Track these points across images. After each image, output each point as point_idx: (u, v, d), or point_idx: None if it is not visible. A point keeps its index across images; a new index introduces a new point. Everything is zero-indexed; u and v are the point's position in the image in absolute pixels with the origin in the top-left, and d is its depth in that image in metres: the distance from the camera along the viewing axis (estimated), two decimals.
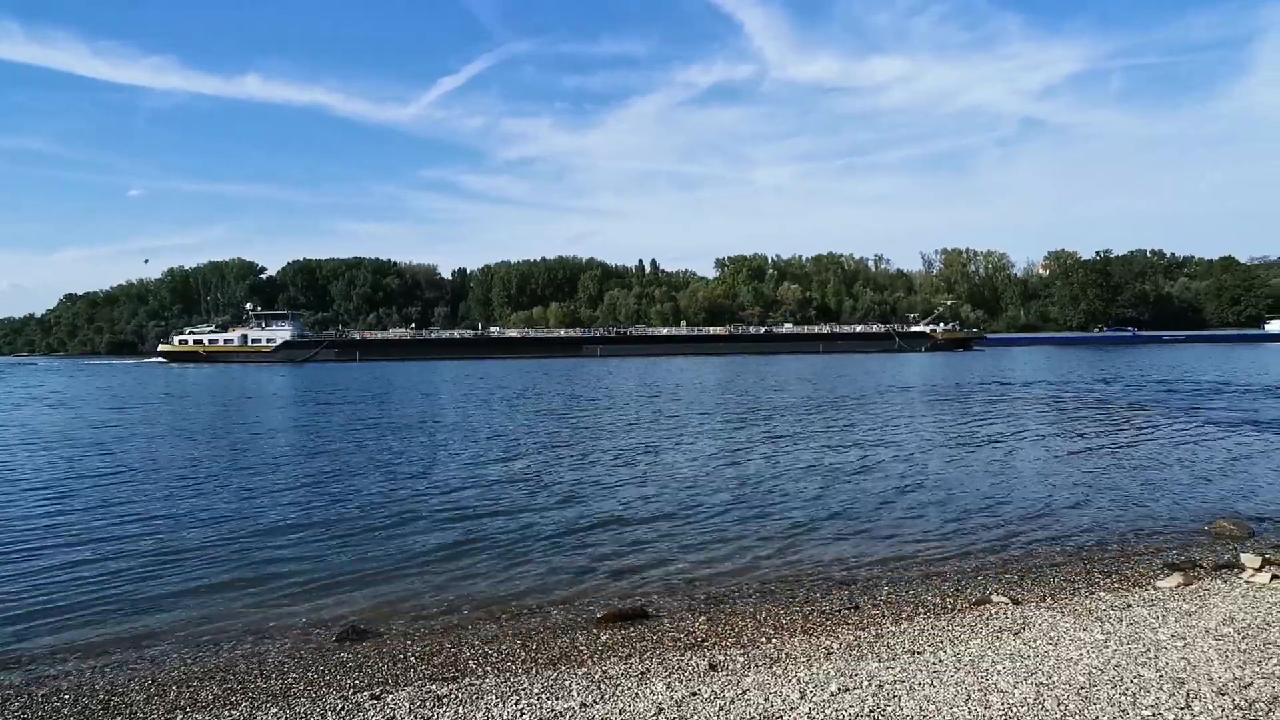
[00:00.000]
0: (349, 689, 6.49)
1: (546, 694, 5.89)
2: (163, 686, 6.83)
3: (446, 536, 11.85)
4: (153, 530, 12.40)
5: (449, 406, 34.46)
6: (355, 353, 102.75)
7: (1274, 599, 7.52)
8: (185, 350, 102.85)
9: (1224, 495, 14.08)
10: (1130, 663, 5.77)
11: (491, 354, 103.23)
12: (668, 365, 77.18)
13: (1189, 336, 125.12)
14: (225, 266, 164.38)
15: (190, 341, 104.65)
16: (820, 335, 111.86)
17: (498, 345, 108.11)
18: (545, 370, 68.80)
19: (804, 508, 13.55)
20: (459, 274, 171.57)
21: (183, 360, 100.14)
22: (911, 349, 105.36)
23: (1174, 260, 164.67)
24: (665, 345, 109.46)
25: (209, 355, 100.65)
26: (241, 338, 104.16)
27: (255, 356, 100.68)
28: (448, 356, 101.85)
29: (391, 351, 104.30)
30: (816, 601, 8.77)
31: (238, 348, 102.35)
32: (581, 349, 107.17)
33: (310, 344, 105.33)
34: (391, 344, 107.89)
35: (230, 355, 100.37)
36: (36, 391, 49.30)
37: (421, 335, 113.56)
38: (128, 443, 23.12)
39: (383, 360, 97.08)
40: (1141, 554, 10.41)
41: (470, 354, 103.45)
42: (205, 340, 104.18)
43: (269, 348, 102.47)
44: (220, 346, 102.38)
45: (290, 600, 9.14)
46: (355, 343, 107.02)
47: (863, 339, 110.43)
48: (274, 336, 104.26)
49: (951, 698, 5.25)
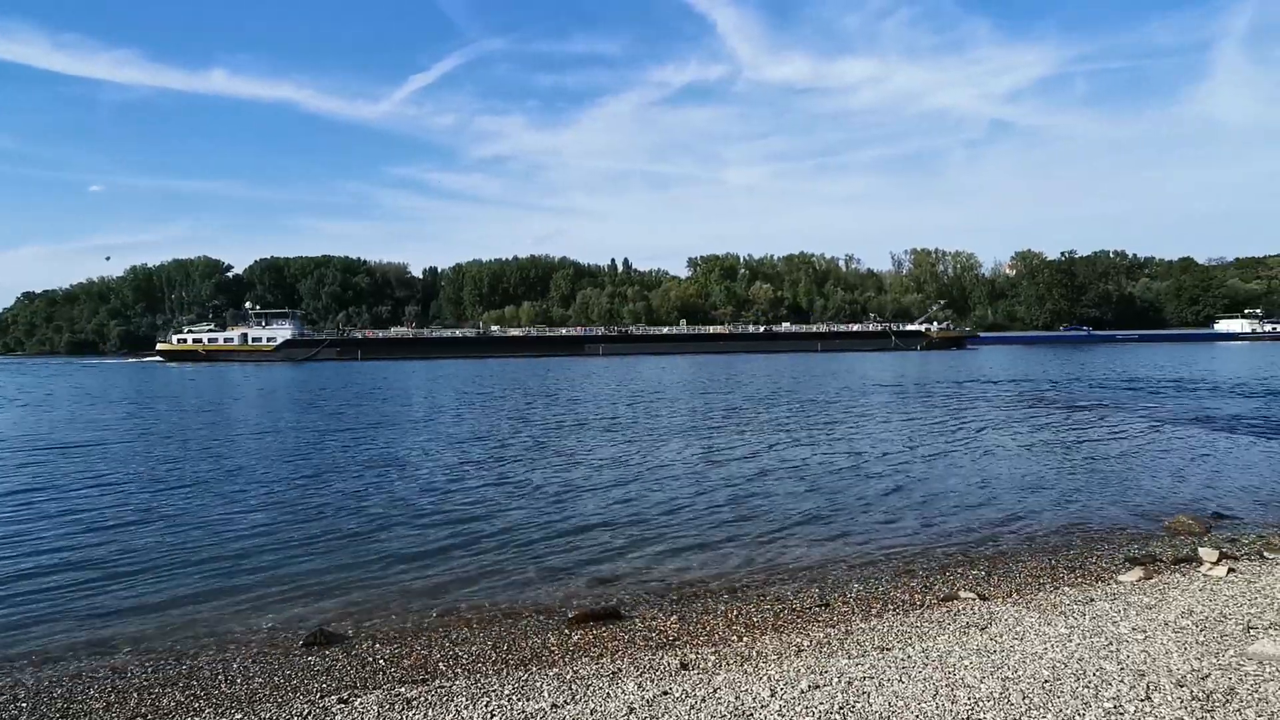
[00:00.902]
0: (316, 693, 6.40)
1: (517, 695, 5.85)
2: (123, 694, 6.68)
3: (418, 538, 11.74)
4: (115, 534, 12.13)
5: (435, 407, 34.15)
6: (357, 352, 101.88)
7: (1230, 592, 7.71)
8: (184, 349, 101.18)
9: (1182, 491, 14.41)
10: (1093, 656, 5.88)
11: (493, 353, 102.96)
12: (668, 363, 77.87)
13: (1141, 336, 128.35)
14: (190, 264, 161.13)
15: (189, 340, 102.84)
16: (819, 334, 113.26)
17: (499, 344, 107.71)
18: (547, 369, 69.06)
19: (777, 507, 13.63)
20: (430, 273, 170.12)
21: (181, 359, 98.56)
22: (908, 347, 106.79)
23: (1136, 261, 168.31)
24: (666, 344, 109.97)
25: (209, 354, 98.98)
26: (242, 336, 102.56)
27: (256, 355, 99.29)
28: (450, 356, 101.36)
29: (394, 350, 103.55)
30: (788, 600, 8.82)
31: (238, 346, 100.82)
32: (584, 348, 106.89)
33: (311, 343, 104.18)
34: (393, 343, 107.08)
35: (230, 354, 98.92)
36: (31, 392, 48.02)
37: (423, 335, 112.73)
38: (100, 446, 22.59)
39: (385, 359, 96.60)
40: (1104, 549, 10.62)
41: (472, 353, 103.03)
42: (205, 339, 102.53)
43: (270, 346, 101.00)
44: (220, 345, 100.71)
45: (257, 604, 8.99)
46: (357, 341, 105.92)
47: (860, 338, 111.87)
48: (275, 335, 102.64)
49: (919, 693, 5.31)
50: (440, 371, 66.29)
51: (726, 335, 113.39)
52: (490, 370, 67.39)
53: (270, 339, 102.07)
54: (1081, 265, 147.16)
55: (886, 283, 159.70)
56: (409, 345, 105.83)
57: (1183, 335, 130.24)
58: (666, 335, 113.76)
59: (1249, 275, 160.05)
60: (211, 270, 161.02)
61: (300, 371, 70.76)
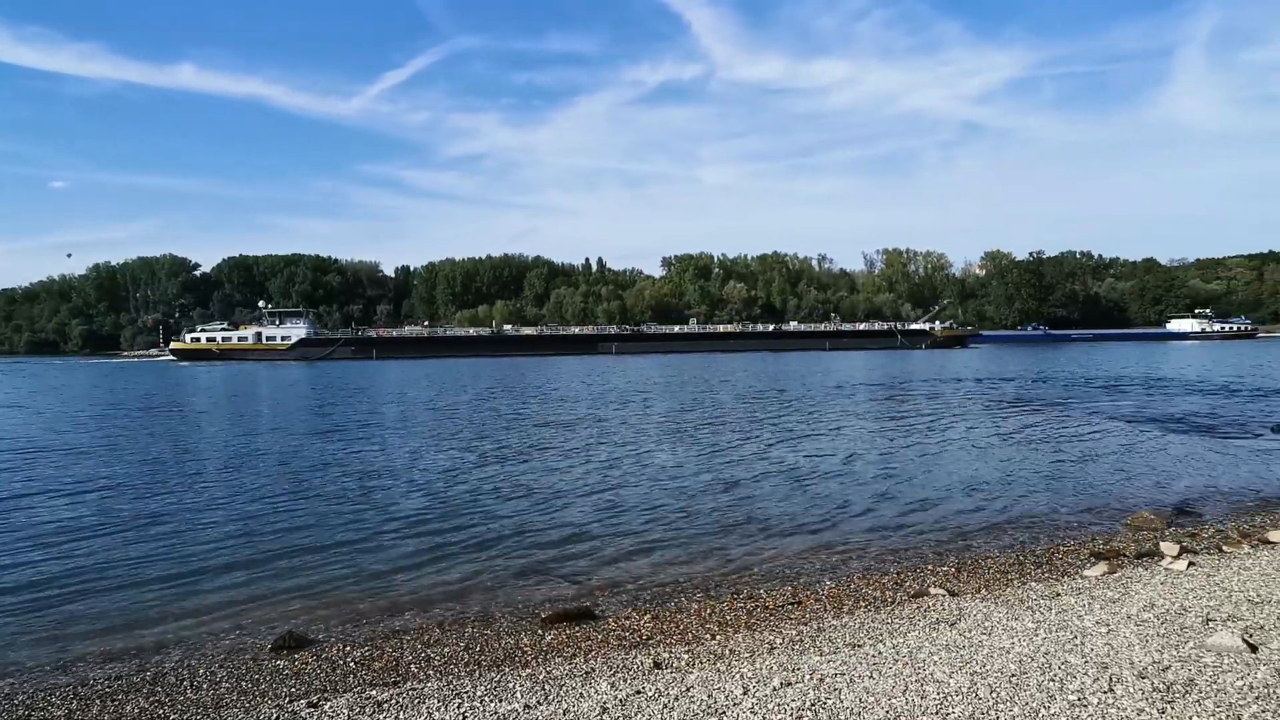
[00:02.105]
0: (285, 697, 6.31)
1: (490, 696, 5.82)
2: (85, 701, 6.55)
3: (392, 541, 11.64)
4: (78, 539, 11.88)
5: (431, 407, 33.84)
6: (372, 350, 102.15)
7: (1190, 585, 7.89)
8: (198, 348, 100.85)
9: (1145, 487, 14.74)
10: (1058, 649, 5.98)
11: (507, 352, 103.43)
12: (679, 361, 78.70)
13: (1095, 335, 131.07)
14: (155, 262, 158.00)
15: (203, 339, 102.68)
16: (827, 333, 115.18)
17: (513, 343, 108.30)
18: (556, 368, 69.51)
19: (752, 505, 13.70)
20: (402, 271, 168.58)
21: (194, 358, 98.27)
22: (913, 346, 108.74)
23: (1101, 261, 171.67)
24: (678, 343, 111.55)
25: (223, 353, 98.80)
26: (256, 335, 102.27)
27: (270, 354, 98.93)
28: (464, 354, 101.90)
29: (408, 350, 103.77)
30: (760, 598, 8.87)
31: (252, 345, 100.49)
32: (597, 347, 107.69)
33: (326, 342, 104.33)
34: (408, 342, 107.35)
35: (245, 353, 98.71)
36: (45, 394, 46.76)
37: (437, 334, 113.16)
38: (80, 451, 22.09)
39: (399, 358, 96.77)
40: (1070, 544, 10.82)
41: (485, 352, 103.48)
42: (219, 338, 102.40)
43: (284, 345, 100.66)
44: (234, 344, 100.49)
45: (225, 608, 8.85)
46: (372, 340, 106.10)
47: (867, 336, 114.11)
48: (289, 334, 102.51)
49: (890, 689, 5.37)
50: (454, 370, 66.58)
51: (737, 334, 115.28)
52: (503, 369, 67.97)
53: (285, 338, 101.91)
54: (1049, 265, 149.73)
55: (859, 282, 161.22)
56: (424, 344, 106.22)
57: (1135, 334, 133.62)
58: (679, 334, 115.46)
59: (1209, 276, 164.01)
60: (177, 268, 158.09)
61: (318, 371, 70.68)
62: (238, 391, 46.38)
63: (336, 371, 68.28)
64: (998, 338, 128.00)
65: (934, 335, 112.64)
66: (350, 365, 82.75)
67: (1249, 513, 12.51)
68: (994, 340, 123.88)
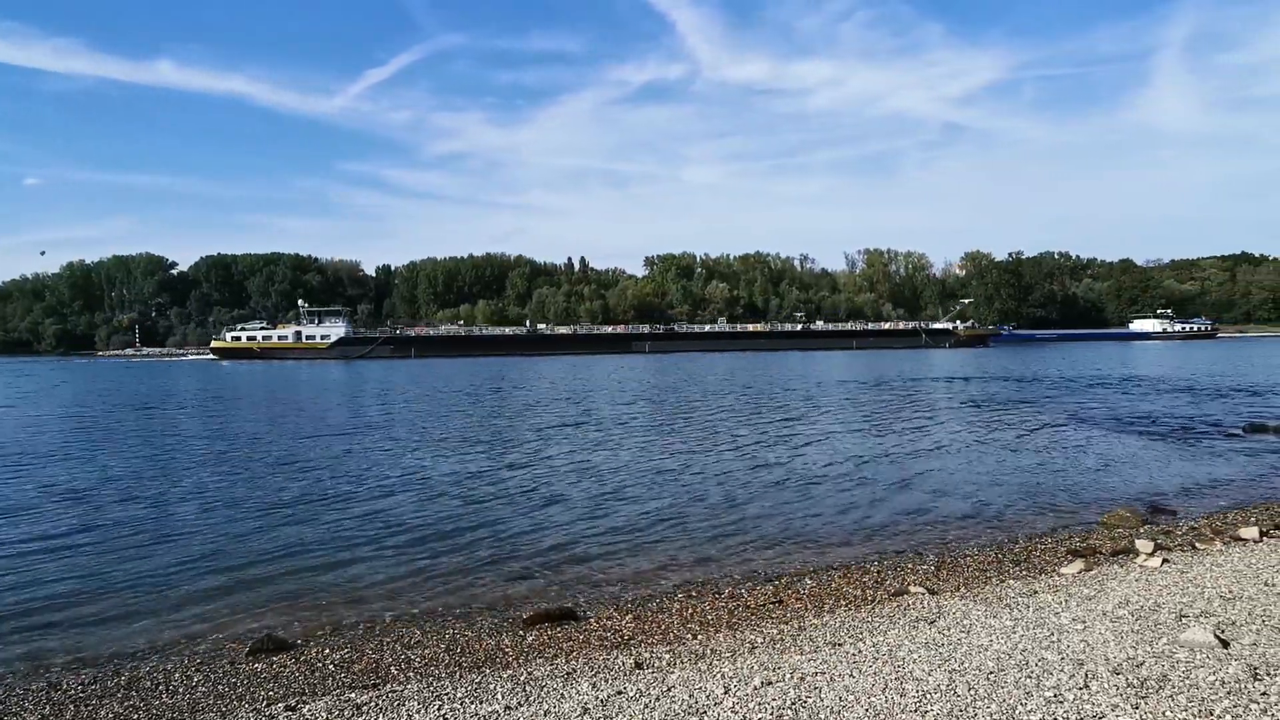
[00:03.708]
0: (262, 701, 6.25)
1: (470, 698, 5.79)
2: (58, 706, 6.45)
3: (373, 542, 11.54)
4: (50, 542, 11.69)
5: (438, 404, 33.61)
6: (410, 349, 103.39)
7: (1164, 582, 8.00)
8: (238, 347, 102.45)
9: (1121, 485, 14.93)
10: (1035, 646, 6.05)
11: (542, 351, 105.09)
12: (708, 361, 79.52)
13: (1059, 335, 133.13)
14: (131, 261, 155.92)
15: (244, 338, 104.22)
16: (854, 332, 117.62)
17: (548, 343, 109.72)
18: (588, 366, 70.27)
19: (735, 504, 13.74)
20: (383, 271, 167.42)
21: (235, 357, 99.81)
22: (937, 345, 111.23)
23: (1079, 262, 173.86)
24: (709, 342, 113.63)
25: (263, 352, 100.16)
26: (296, 334, 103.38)
27: (310, 353, 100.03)
28: (500, 353, 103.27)
29: (447, 349, 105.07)
30: (741, 597, 8.90)
31: (293, 344, 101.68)
32: (630, 346, 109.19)
33: (365, 340, 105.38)
34: (445, 341, 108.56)
35: (285, 352, 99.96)
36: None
37: (474, 333, 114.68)
38: (58, 453, 21.74)
39: (437, 357, 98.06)
40: (1048, 542, 10.94)
41: (521, 351, 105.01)
42: (259, 337, 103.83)
43: (324, 344, 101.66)
44: (275, 343, 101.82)
45: (202, 611, 8.75)
46: (410, 340, 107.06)
47: (893, 335, 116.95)
48: (329, 333, 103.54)
49: (870, 687, 5.40)
50: (489, 369, 67.14)
51: (767, 333, 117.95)
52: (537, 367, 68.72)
53: (324, 337, 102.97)
54: (1028, 266, 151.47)
55: (840, 282, 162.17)
56: (461, 343, 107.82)
57: (1099, 335, 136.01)
58: (709, 333, 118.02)
59: (1183, 276, 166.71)
60: (154, 267, 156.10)
61: (364, 370, 70.73)
62: (327, 387, 45.72)
63: (382, 371, 68.24)
64: (1018, 336, 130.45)
65: (957, 334, 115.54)
66: (392, 364, 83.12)
67: (1222, 510, 12.72)
68: (1014, 340, 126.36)
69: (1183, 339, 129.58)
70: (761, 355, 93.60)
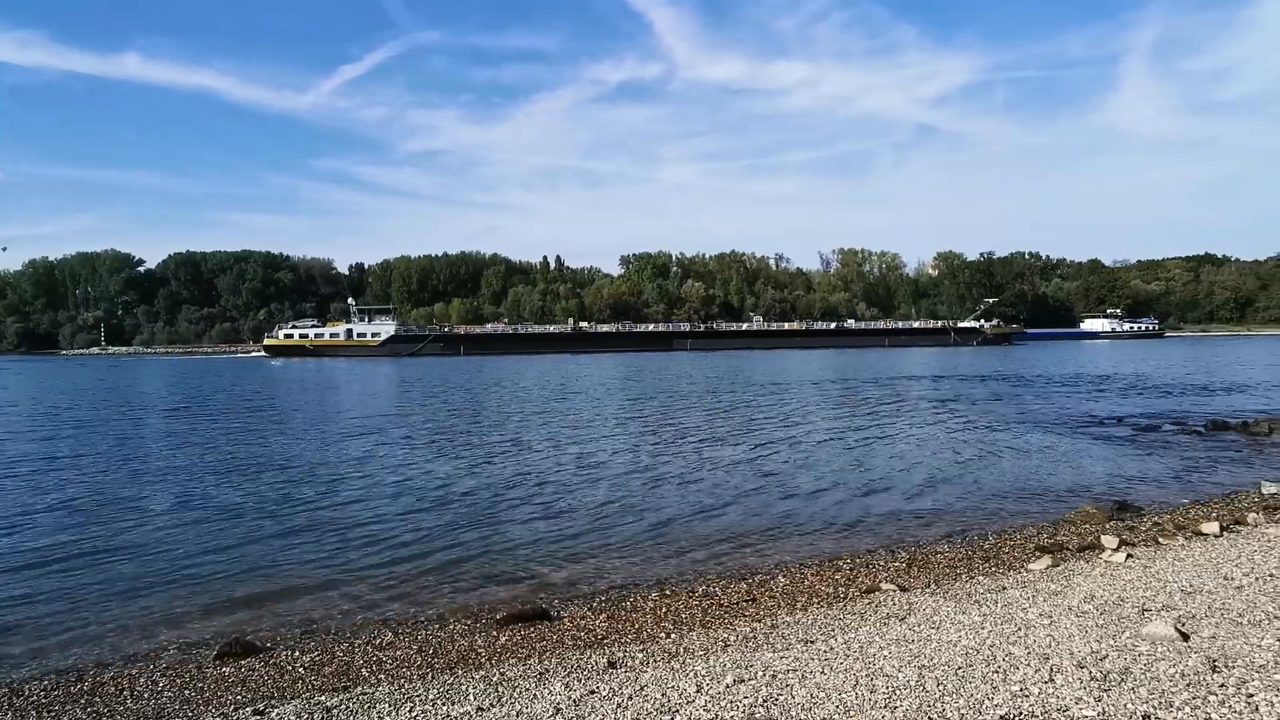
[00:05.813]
0: (230, 705, 6.17)
1: (442, 699, 5.76)
2: (20, 712, 6.31)
3: (345, 543, 11.43)
4: (16, 542, 11.42)
5: (438, 404, 33.28)
6: (459, 347, 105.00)
7: (1128, 577, 8.16)
8: (290, 345, 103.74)
9: (1089, 482, 15.21)
10: (1003, 642, 6.14)
11: (586, 348, 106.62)
12: (746, 358, 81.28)
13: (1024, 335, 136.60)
14: (97, 258, 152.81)
15: (295, 336, 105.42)
16: (886, 330, 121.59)
17: (592, 340, 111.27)
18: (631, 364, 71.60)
19: (710, 503, 13.78)
20: (356, 269, 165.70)
21: (287, 354, 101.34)
22: (965, 343, 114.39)
23: (1049, 262, 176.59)
24: (750, 340, 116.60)
25: (315, 349, 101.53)
26: (347, 332, 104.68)
27: (361, 351, 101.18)
28: (545, 351, 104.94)
29: (494, 346, 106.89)
30: (715, 596, 8.93)
31: (344, 342, 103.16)
32: (672, 344, 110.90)
33: (415, 338, 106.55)
34: (493, 338, 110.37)
35: (336, 350, 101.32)
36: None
37: (520, 330, 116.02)
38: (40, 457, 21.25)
39: (485, 355, 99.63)
40: (1016, 539, 11.11)
41: (566, 348, 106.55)
42: (311, 334, 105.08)
43: (375, 342, 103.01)
44: (326, 341, 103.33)
45: (169, 614, 8.60)
46: (459, 337, 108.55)
47: (922, 334, 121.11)
48: (379, 331, 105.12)
49: (840, 683, 5.45)
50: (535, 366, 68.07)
51: (803, 331, 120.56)
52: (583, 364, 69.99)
53: (375, 334, 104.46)
54: (999, 266, 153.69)
55: (815, 281, 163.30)
56: (508, 341, 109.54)
57: (1052, 334, 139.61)
58: (748, 332, 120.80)
59: (1149, 276, 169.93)
60: (120, 264, 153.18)
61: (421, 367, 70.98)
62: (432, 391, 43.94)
63: (439, 368, 68.32)
64: (1042, 335, 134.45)
65: (984, 333, 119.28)
66: (445, 362, 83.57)
67: (1184, 506, 13.00)
68: (1038, 338, 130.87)
69: (1131, 338, 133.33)
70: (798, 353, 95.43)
